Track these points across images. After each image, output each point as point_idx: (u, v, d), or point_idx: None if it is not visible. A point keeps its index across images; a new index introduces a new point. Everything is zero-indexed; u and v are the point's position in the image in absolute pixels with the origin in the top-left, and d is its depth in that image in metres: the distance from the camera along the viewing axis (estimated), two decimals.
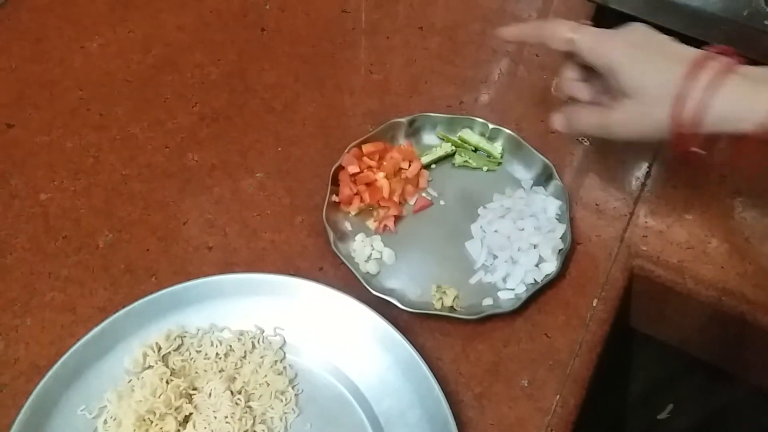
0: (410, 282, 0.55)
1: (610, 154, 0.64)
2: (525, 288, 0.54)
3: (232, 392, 0.48)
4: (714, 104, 0.39)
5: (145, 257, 0.57)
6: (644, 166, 0.63)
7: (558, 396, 0.50)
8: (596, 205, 0.60)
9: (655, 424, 0.76)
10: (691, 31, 0.64)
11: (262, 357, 0.50)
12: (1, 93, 0.69)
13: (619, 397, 0.75)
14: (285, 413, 0.48)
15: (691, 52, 0.42)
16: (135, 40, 0.74)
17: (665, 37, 0.45)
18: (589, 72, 0.49)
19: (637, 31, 0.46)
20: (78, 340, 0.48)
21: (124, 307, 0.50)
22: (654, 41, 0.44)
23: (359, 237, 0.57)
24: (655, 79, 0.41)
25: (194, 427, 0.46)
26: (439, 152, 0.63)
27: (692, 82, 0.39)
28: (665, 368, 0.72)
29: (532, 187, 0.61)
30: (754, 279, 0.56)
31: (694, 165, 0.42)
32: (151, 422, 0.46)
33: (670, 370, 0.72)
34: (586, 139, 0.65)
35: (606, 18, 0.72)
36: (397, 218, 0.59)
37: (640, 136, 0.44)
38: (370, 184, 0.59)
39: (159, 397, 0.46)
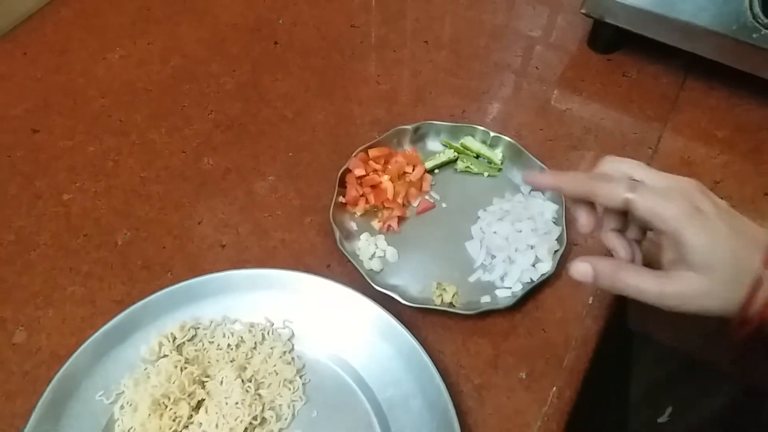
0: (412, 279, 0.58)
1: None
2: (521, 286, 0.56)
3: (242, 380, 0.50)
4: None
5: (161, 254, 0.60)
6: None
7: (554, 388, 0.52)
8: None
9: (656, 428, 0.77)
10: (682, 45, 0.67)
11: (271, 348, 0.52)
12: (27, 101, 0.73)
13: (619, 399, 0.76)
14: (293, 401, 0.50)
15: (762, 234, 0.39)
16: (154, 51, 0.78)
17: (724, 203, 0.41)
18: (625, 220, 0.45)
19: (694, 192, 0.41)
20: (96, 330, 0.51)
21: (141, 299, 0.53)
22: (720, 211, 0.40)
23: (364, 236, 0.60)
24: (730, 260, 0.38)
25: (206, 412, 0.49)
26: (443, 158, 0.66)
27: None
28: (664, 370, 0.73)
29: (530, 192, 0.63)
30: None
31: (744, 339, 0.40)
32: (166, 407, 0.48)
33: (669, 372, 0.73)
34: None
35: (602, 31, 0.75)
36: (401, 219, 0.61)
37: (699, 312, 0.40)
38: (375, 186, 0.62)
39: (173, 382, 0.49)
